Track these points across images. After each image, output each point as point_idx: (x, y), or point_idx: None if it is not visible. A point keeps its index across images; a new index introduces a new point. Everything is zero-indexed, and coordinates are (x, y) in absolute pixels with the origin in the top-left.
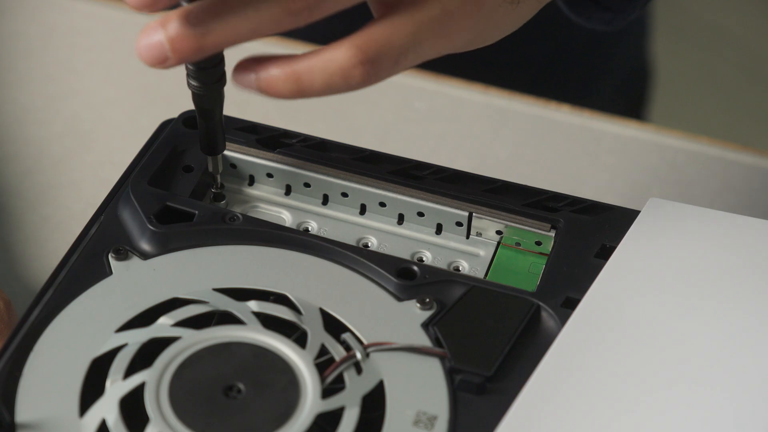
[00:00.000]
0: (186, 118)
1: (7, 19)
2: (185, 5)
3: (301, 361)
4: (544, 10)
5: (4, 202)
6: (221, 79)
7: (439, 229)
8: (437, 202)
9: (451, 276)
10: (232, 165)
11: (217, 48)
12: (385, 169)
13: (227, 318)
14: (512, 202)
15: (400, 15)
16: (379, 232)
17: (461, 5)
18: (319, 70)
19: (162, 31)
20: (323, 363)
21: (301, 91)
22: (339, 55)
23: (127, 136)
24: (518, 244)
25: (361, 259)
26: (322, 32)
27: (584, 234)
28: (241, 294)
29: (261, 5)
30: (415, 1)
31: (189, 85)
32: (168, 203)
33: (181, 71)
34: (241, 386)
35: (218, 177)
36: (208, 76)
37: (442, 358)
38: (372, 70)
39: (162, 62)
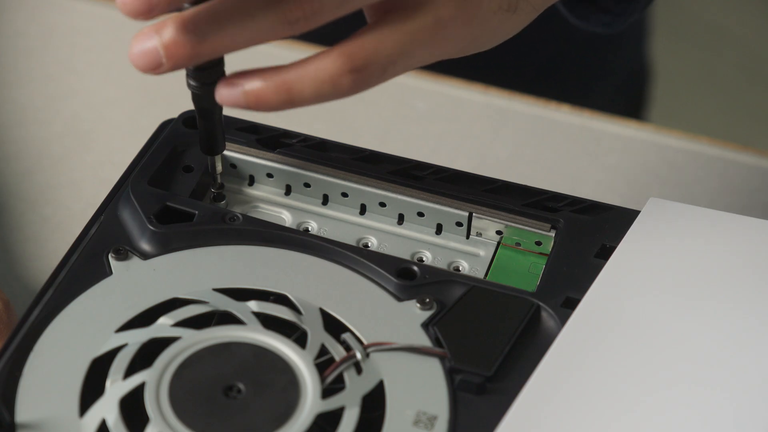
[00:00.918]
0: (186, 118)
1: (7, 19)
2: (179, 13)
3: (301, 361)
4: (545, 10)
5: (4, 202)
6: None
7: (439, 229)
8: (437, 202)
9: (451, 276)
10: (232, 165)
11: (212, 55)
12: (385, 169)
13: (227, 318)
14: (512, 202)
15: (391, 24)
16: (379, 232)
17: (455, 14)
18: (309, 79)
19: (156, 37)
20: (323, 363)
21: (291, 101)
22: (328, 63)
23: (127, 136)
24: (518, 244)
25: (361, 259)
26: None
27: (584, 234)
28: (241, 294)
29: (258, 14)
30: (408, 10)
31: (188, 85)
32: (168, 203)
33: (181, 71)
34: (241, 386)
35: (218, 177)
36: (207, 76)
37: (442, 358)
38: (360, 78)
39: (155, 68)
